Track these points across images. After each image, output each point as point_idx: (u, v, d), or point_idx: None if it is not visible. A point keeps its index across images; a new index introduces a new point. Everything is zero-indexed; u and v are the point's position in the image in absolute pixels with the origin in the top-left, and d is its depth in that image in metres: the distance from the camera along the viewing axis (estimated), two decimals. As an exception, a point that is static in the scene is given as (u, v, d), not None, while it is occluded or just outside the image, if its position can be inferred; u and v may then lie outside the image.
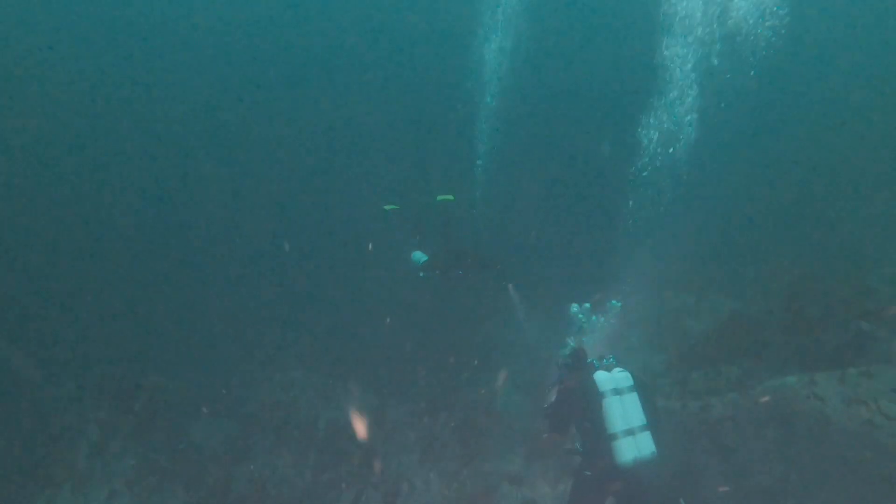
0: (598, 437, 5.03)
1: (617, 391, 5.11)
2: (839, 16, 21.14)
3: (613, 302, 7.05)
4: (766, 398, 7.04)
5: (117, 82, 16.58)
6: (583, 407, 5.17)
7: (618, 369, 5.33)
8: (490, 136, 13.18)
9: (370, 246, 13.06)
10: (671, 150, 12.78)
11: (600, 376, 5.21)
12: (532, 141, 18.56)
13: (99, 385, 9.33)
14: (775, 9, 12.93)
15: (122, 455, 8.31)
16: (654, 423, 5.15)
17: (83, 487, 7.68)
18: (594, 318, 6.78)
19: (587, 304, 6.80)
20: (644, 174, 12.81)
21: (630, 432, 4.97)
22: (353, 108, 19.23)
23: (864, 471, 6.04)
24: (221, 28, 18.83)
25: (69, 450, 8.06)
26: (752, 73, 14.36)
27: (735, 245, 14.67)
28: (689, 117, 12.83)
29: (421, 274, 8.49)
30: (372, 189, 17.21)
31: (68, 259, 12.90)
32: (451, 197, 8.60)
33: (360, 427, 9.09)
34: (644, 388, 5.31)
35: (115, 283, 12.86)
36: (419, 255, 8.65)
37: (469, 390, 10.34)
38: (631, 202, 13.05)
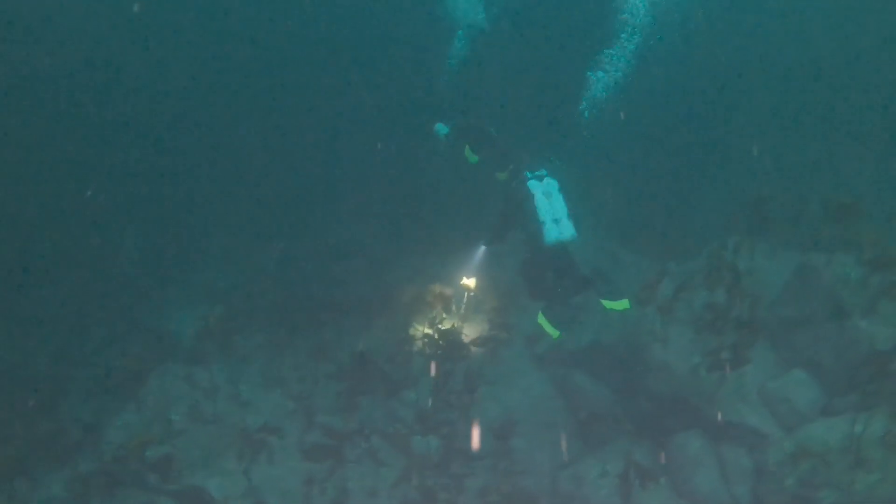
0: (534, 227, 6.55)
1: (546, 194, 6.55)
2: None
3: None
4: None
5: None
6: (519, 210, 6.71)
7: (548, 179, 6.68)
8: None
9: None
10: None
11: (532, 184, 6.62)
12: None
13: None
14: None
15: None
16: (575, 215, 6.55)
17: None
18: None
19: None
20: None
21: (556, 221, 6.44)
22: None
23: None
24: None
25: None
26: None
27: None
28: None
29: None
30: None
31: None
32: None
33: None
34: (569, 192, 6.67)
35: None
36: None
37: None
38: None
